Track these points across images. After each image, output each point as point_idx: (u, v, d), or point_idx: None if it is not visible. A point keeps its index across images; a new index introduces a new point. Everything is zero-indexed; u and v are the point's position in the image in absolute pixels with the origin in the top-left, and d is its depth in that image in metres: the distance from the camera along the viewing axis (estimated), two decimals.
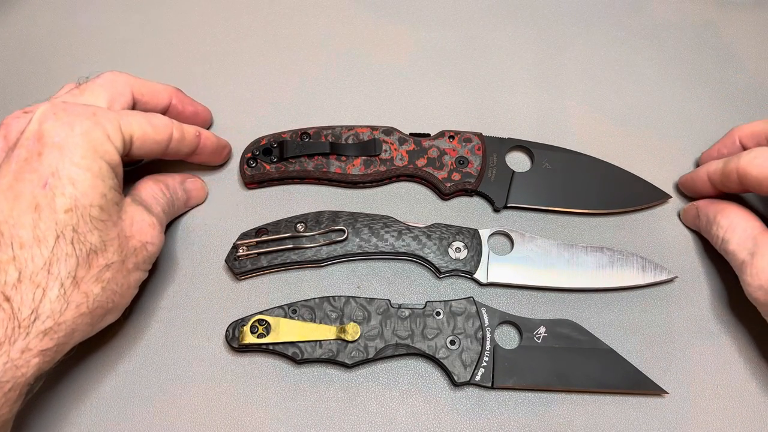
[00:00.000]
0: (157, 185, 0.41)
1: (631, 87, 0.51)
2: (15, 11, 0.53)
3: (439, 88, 0.50)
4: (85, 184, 0.33)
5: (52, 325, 0.31)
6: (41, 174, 0.32)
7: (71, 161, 0.33)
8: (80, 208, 0.33)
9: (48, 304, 0.31)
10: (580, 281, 0.42)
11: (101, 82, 0.39)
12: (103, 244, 0.34)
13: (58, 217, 0.32)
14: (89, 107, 0.35)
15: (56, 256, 0.31)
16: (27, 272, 0.31)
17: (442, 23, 0.53)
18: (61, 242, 0.32)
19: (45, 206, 0.32)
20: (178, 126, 0.40)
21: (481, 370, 0.39)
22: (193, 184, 0.44)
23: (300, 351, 0.39)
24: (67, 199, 0.32)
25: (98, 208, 0.33)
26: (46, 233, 0.31)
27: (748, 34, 0.53)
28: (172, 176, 0.43)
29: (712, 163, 0.43)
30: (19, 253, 0.31)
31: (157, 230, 0.38)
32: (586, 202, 0.45)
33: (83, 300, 0.33)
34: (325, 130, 0.45)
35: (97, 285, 0.33)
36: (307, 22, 0.53)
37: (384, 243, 0.42)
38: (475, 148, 0.45)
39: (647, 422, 0.39)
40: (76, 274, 0.32)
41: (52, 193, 0.32)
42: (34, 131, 0.33)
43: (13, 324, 0.30)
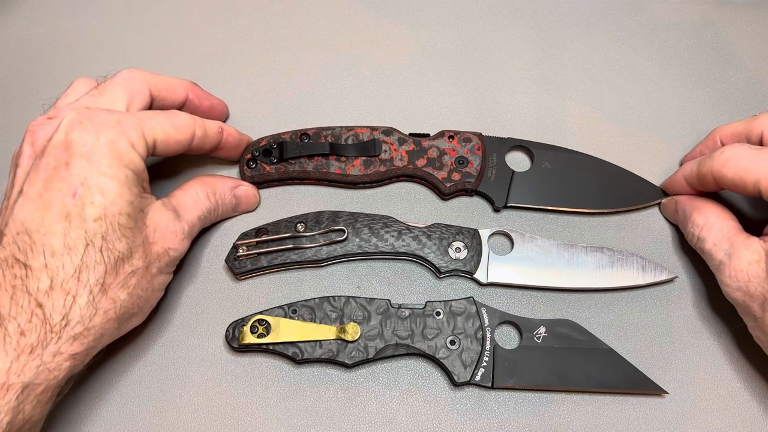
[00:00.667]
0: (204, 188, 0.41)
1: (631, 87, 0.51)
2: (15, 11, 0.53)
3: (439, 88, 0.50)
4: (113, 193, 0.34)
5: (82, 330, 0.32)
6: (70, 183, 0.33)
7: (99, 170, 0.34)
8: (109, 216, 0.33)
9: (78, 310, 0.32)
10: (580, 281, 0.42)
11: (119, 81, 0.39)
12: (130, 251, 0.34)
13: (87, 226, 0.33)
14: (113, 114, 0.36)
15: (86, 264, 0.32)
16: (58, 280, 0.31)
17: (442, 23, 0.53)
18: (90, 250, 0.32)
19: (75, 215, 0.32)
20: (200, 124, 0.40)
21: (481, 370, 0.39)
22: (245, 192, 0.44)
23: (300, 351, 0.39)
24: (97, 208, 0.33)
25: (126, 216, 0.34)
26: (76, 242, 0.32)
27: (748, 34, 0.53)
28: (224, 180, 0.43)
29: (687, 165, 0.43)
30: (50, 261, 0.31)
31: (180, 238, 0.38)
32: (586, 202, 0.45)
33: (111, 306, 0.33)
34: (324, 130, 0.45)
35: (124, 291, 0.34)
36: (305, 23, 0.53)
37: (384, 243, 0.42)
38: (475, 148, 0.45)
39: (647, 422, 0.39)
40: (105, 281, 0.33)
41: (82, 203, 0.33)
42: (61, 140, 0.34)
43: (45, 329, 0.31)
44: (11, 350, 0.30)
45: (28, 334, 0.30)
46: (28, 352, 0.30)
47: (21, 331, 0.30)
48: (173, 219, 0.38)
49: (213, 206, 0.41)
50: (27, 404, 0.30)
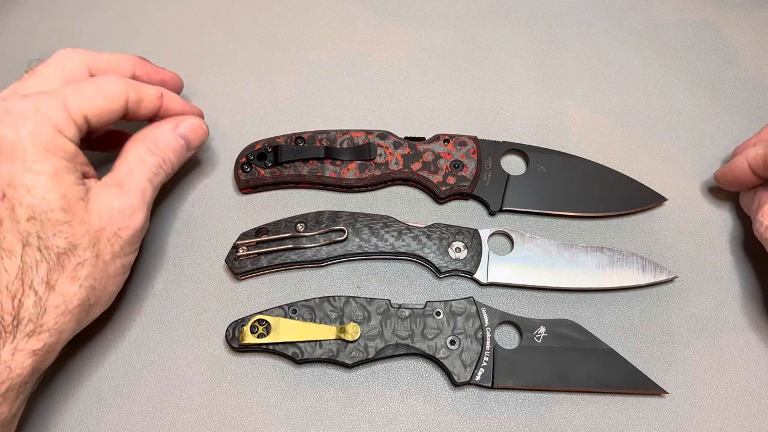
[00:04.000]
0: (144, 144, 0.38)
1: (631, 87, 0.51)
2: (15, 11, 0.53)
3: (437, 89, 0.50)
4: (42, 189, 0.32)
5: (34, 328, 0.32)
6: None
7: (24, 167, 0.32)
8: (41, 213, 0.32)
9: (26, 310, 0.31)
10: (580, 281, 0.42)
11: (52, 62, 0.37)
12: (72, 245, 0.33)
13: (20, 227, 0.32)
14: (30, 101, 0.33)
15: (27, 265, 0.31)
16: (2, 283, 0.31)
17: (440, 24, 0.53)
18: (29, 251, 0.31)
19: (6, 218, 0.32)
20: (133, 87, 0.37)
21: (481, 370, 0.39)
22: (189, 127, 0.40)
23: (300, 351, 0.39)
24: (26, 208, 0.32)
25: (60, 210, 0.32)
26: (12, 244, 0.31)
27: (748, 34, 0.53)
28: (161, 125, 0.39)
29: (751, 150, 0.40)
30: None
31: (129, 214, 0.35)
32: (580, 205, 0.45)
33: (60, 301, 0.32)
34: (319, 134, 0.45)
35: (74, 284, 0.33)
36: (302, 26, 0.53)
37: (384, 243, 0.42)
38: (470, 152, 0.45)
39: (647, 422, 0.39)
40: (49, 279, 0.32)
41: (11, 204, 0.32)
42: None
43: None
44: None
45: None
46: None
47: None
48: (117, 195, 0.35)
49: (161, 159, 0.38)
50: None
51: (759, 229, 0.40)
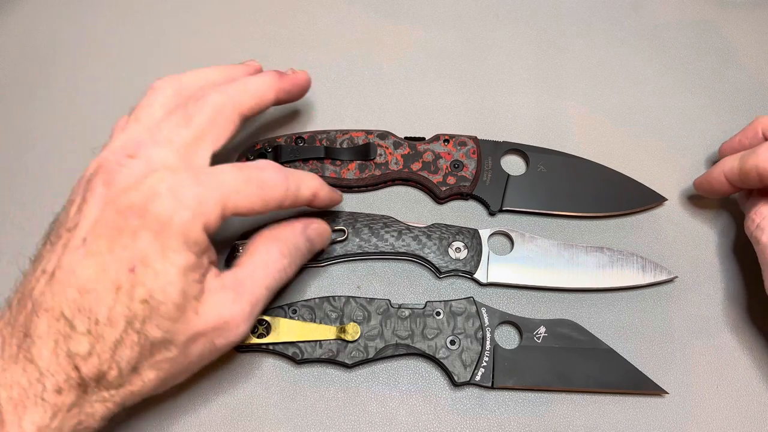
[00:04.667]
0: (276, 244, 0.36)
1: (631, 87, 0.51)
2: (15, 11, 0.53)
3: (438, 89, 0.50)
4: (167, 280, 0.31)
5: (108, 396, 0.31)
6: (132, 256, 0.30)
7: (162, 252, 0.31)
8: (155, 302, 0.30)
9: (106, 382, 0.30)
10: (580, 281, 0.42)
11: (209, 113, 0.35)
12: (167, 341, 0.31)
13: (132, 305, 0.30)
14: (198, 190, 0.32)
15: (122, 342, 0.30)
16: (96, 349, 0.30)
17: (440, 24, 0.53)
18: (129, 330, 0.30)
19: (125, 291, 0.30)
20: (293, 189, 0.35)
21: (481, 370, 0.39)
22: (316, 231, 0.38)
23: (300, 351, 0.39)
24: (146, 290, 0.30)
25: (172, 306, 0.31)
26: (118, 317, 0.30)
27: (748, 34, 0.53)
28: (292, 226, 0.37)
29: (727, 160, 0.40)
30: (93, 329, 0.30)
31: (233, 326, 0.33)
32: (581, 205, 0.45)
33: (137, 383, 0.32)
34: (319, 134, 0.45)
35: (153, 372, 0.32)
36: (302, 25, 0.53)
37: (384, 243, 0.42)
38: (470, 152, 0.45)
39: (647, 422, 0.39)
40: (136, 362, 0.31)
41: (135, 281, 0.30)
42: (138, 206, 0.31)
43: (79, 391, 0.30)
44: (49, 407, 0.29)
45: (65, 393, 0.29)
46: (66, 410, 0.29)
47: (58, 388, 0.29)
48: (229, 302, 0.33)
49: (287, 264, 0.36)
50: None
51: (750, 227, 0.40)
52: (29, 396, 0.28)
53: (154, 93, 0.37)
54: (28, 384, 0.29)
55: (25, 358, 0.29)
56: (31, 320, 0.29)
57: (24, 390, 0.28)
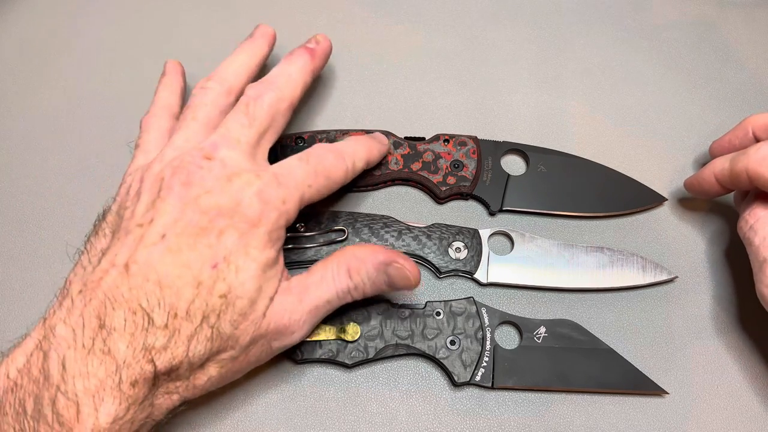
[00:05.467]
0: (346, 264, 0.36)
1: (631, 87, 0.51)
2: (15, 11, 0.53)
3: (437, 90, 0.50)
4: (247, 275, 0.32)
5: (174, 389, 0.32)
6: (215, 253, 0.32)
7: (245, 249, 0.32)
8: (233, 297, 0.32)
9: (176, 375, 0.31)
10: (580, 281, 0.42)
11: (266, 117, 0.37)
12: (235, 338, 0.32)
13: (211, 300, 0.31)
14: (281, 191, 0.34)
15: (197, 336, 0.31)
16: (171, 342, 0.30)
17: (440, 24, 0.53)
18: (205, 325, 0.31)
19: (206, 286, 0.31)
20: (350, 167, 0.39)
21: (481, 371, 0.39)
22: (398, 271, 0.36)
23: (300, 351, 0.39)
24: (226, 285, 0.32)
25: (248, 302, 0.32)
26: (196, 311, 0.31)
27: (748, 34, 0.53)
28: (374, 253, 0.36)
29: (717, 161, 0.40)
30: (171, 323, 0.30)
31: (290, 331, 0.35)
32: (581, 205, 0.45)
33: (202, 378, 0.32)
34: (320, 134, 0.45)
35: (216, 368, 0.33)
36: (302, 25, 0.53)
37: (384, 243, 0.42)
38: (470, 152, 0.45)
39: (647, 422, 0.39)
40: (205, 357, 0.31)
41: (217, 276, 0.31)
42: (227, 208, 0.33)
43: (150, 384, 0.30)
44: (124, 399, 0.29)
45: (139, 386, 0.29)
46: (139, 403, 0.30)
47: (134, 381, 0.29)
48: (292, 307, 0.34)
49: (353, 286, 0.36)
50: None
51: (743, 228, 0.39)
52: (105, 387, 0.28)
53: (204, 92, 0.39)
54: (105, 375, 0.29)
55: (101, 350, 0.29)
56: (106, 312, 0.30)
57: (101, 381, 0.28)
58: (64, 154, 0.46)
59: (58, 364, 0.28)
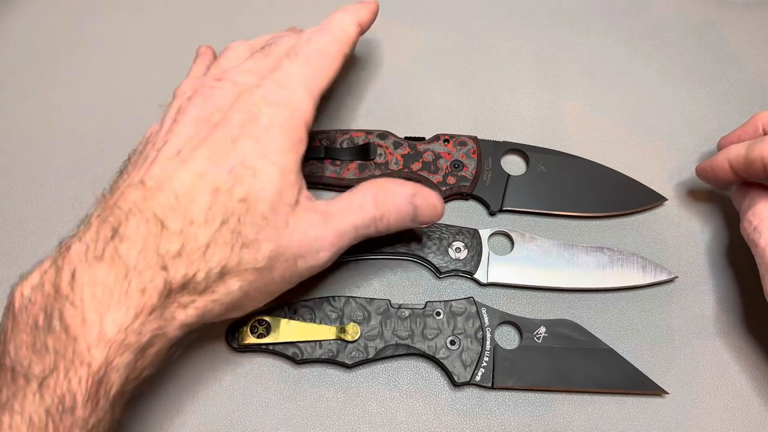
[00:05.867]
0: (375, 193, 0.36)
1: (631, 87, 0.51)
2: (15, 11, 0.53)
3: (437, 90, 0.50)
4: (266, 178, 0.32)
5: (190, 301, 0.31)
6: (231, 160, 0.32)
7: (262, 152, 0.33)
8: (253, 200, 0.32)
9: (193, 283, 0.30)
10: (580, 281, 0.42)
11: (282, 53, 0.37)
12: (258, 244, 0.32)
13: (230, 204, 0.31)
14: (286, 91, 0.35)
15: (215, 241, 0.30)
16: (187, 248, 0.30)
17: (440, 24, 0.53)
18: (224, 228, 0.31)
19: (224, 191, 0.31)
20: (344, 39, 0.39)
21: (481, 371, 0.39)
22: (425, 200, 0.37)
23: (300, 351, 0.39)
24: (244, 188, 0.32)
25: (268, 205, 0.32)
26: (215, 215, 0.31)
27: (748, 33, 0.53)
28: (401, 185, 0.37)
29: (733, 148, 0.40)
30: (187, 228, 0.30)
31: (317, 248, 0.34)
32: (581, 205, 0.45)
33: (221, 291, 0.32)
34: (319, 134, 0.45)
35: (237, 282, 0.32)
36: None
37: (384, 243, 0.42)
38: (470, 152, 0.45)
39: (647, 422, 0.39)
40: (225, 265, 0.31)
41: (234, 180, 0.32)
42: (236, 120, 0.33)
43: (164, 293, 0.29)
44: (132, 307, 0.28)
45: (148, 294, 0.29)
46: (148, 313, 0.29)
47: (143, 288, 0.29)
48: (318, 225, 0.34)
49: (379, 215, 0.36)
50: (141, 362, 0.30)
51: (747, 229, 0.39)
52: (113, 294, 0.28)
53: (229, 50, 0.40)
54: (114, 282, 0.28)
55: (111, 256, 0.29)
56: (120, 222, 0.29)
57: (109, 288, 0.28)
58: (64, 154, 0.46)
59: (69, 276, 0.28)
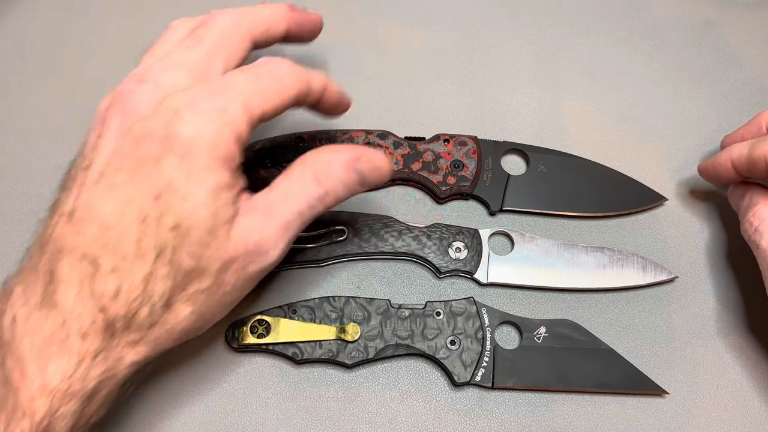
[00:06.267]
0: (312, 170, 0.33)
1: (631, 87, 0.51)
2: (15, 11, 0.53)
3: (437, 90, 0.50)
4: (197, 202, 0.29)
5: (139, 339, 0.30)
6: (157, 183, 0.29)
7: (189, 173, 0.29)
8: (185, 227, 0.29)
9: (137, 319, 0.29)
10: (580, 281, 0.42)
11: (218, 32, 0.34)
12: (200, 269, 0.30)
13: (161, 234, 0.29)
14: (217, 99, 0.30)
15: (153, 275, 0.29)
16: (125, 286, 0.28)
17: (440, 24, 0.53)
18: (160, 261, 0.29)
19: (152, 220, 0.29)
20: (304, 79, 0.34)
21: (482, 371, 0.39)
22: (369, 163, 0.33)
23: (300, 351, 0.39)
24: (174, 216, 0.29)
25: (204, 230, 0.29)
26: (147, 248, 0.28)
27: (748, 33, 0.53)
28: (338, 152, 0.33)
29: (736, 147, 0.40)
30: (120, 265, 0.28)
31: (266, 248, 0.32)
32: (581, 205, 0.45)
33: (171, 321, 0.30)
34: (320, 134, 0.45)
35: (188, 307, 0.30)
36: None
37: (384, 243, 0.42)
38: (470, 152, 0.45)
39: (647, 422, 0.39)
40: (169, 296, 0.29)
41: (163, 208, 0.29)
42: (158, 132, 0.29)
43: (106, 335, 0.28)
44: (74, 354, 0.27)
45: (89, 339, 0.28)
46: (92, 357, 0.28)
47: (84, 333, 0.27)
48: (260, 225, 0.31)
49: (324, 191, 0.33)
50: (89, 408, 0.28)
51: (748, 230, 0.39)
52: (53, 343, 0.27)
53: (168, 31, 0.36)
54: (52, 331, 0.27)
55: (48, 303, 0.28)
56: (56, 264, 0.28)
57: (47, 337, 0.27)
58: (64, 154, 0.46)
59: (10, 324, 0.27)
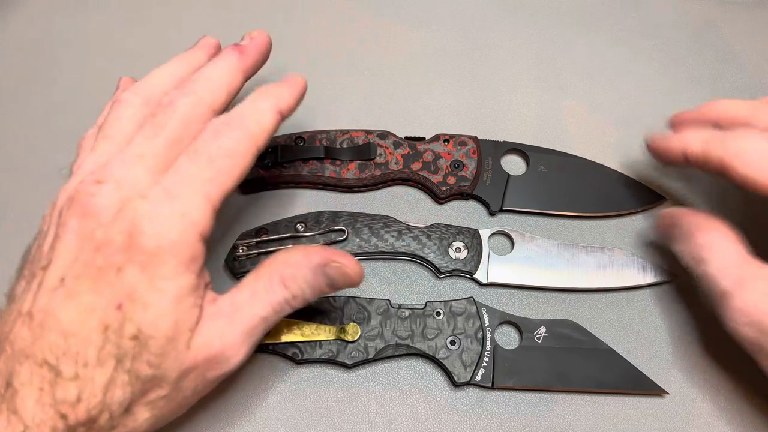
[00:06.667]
0: (279, 272, 0.32)
1: (631, 87, 0.51)
2: (15, 11, 0.53)
3: (437, 90, 0.50)
4: (158, 312, 0.29)
5: None
6: (118, 292, 0.29)
7: (151, 282, 0.29)
8: (145, 337, 0.29)
9: (98, 425, 0.29)
10: (580, 281, 0.42)
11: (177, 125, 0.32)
12: (159, 378, 0.29)
13: (122, 343, 0.28)
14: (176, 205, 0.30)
15: (113, 383, 0.28)
16: (86, 393, 0.28)
17: (440, 24, 0.53)
18: (120, 369, 0.28)
19: (114, 329, 0.28)
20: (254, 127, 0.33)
21: (482, 371, 0.39)
22: (338, 271, 0.33)
23: (300, 351, 0.39)
24: (136, 326, 0.28)
25: (164, 339, 0.29)
26: (107, 357, 0.28)
27: (748, 33, 0.53)
28: (308, 256, 0.33)
29: (691, 138, 0.37)
30: (81, 372, 0.28)
31: (225, 358, 0.31)
32: (581, 205, 0.45)
33: (131, 424, 0.30)
34: (319, 134, 0.45)
35: (147, 412, 0.30)
36: (301, 25, 0.53)
37: (384, 243, 0.42)
38: (470, 152, 0.45)
39: (647, 422, 0.39)
40: (129, 402, 0.29)
41: (123, 318, 0.28)
42: (122, 242, 0.29)
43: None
44: None
45: None
46: None
47: None
48: (222, 332, 0.31)
49: (290, 296, 0.32)
50: None
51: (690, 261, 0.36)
52: None
53: (120, 105, 0.34)
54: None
55: (8, 409, 0.27)
56: (14, 367, 0.28)
57: None
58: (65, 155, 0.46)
59: None
